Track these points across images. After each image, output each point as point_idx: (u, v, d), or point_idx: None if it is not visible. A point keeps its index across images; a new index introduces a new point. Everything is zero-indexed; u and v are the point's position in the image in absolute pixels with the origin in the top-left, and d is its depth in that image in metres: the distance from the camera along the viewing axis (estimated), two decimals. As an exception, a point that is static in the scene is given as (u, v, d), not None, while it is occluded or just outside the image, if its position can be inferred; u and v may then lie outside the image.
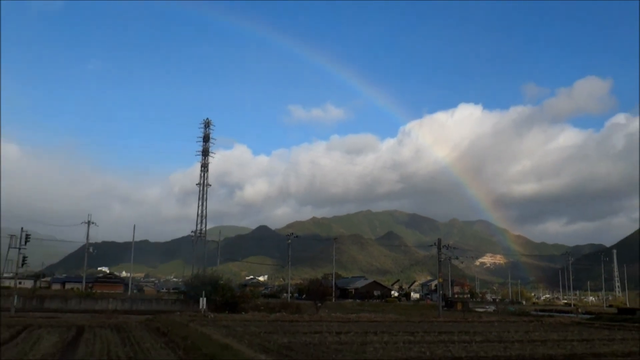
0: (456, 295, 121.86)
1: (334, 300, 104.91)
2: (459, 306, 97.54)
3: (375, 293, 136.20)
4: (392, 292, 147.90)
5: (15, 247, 63.05)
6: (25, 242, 63.06)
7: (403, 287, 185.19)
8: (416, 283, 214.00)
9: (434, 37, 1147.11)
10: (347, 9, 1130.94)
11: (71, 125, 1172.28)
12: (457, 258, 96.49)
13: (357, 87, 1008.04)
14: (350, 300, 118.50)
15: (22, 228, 63.78)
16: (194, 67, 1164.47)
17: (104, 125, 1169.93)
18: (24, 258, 64.82)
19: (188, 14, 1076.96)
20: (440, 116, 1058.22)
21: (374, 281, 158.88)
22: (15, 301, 56.45)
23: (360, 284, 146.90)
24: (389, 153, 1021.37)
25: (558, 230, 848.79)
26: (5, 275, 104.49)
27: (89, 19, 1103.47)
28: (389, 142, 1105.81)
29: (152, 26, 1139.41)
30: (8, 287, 78.20)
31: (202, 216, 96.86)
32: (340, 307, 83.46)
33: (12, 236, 64.24)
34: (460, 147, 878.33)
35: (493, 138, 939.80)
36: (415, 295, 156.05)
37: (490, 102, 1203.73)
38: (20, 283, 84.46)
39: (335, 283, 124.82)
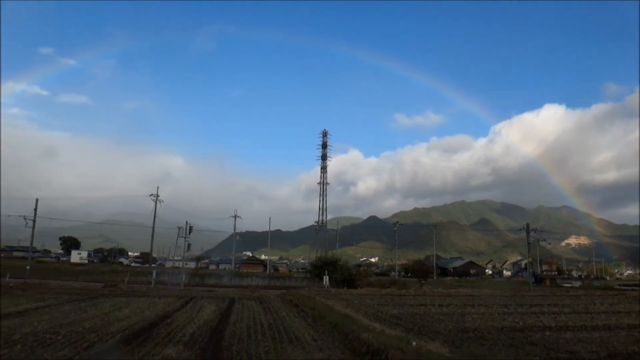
0: (544, 273, 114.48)
1: (435, 277, 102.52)
2: (548, 282, 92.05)
3: (471, 271, 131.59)
4: (486, 270, 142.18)
5: (182, 237, 67.53)
6: (189, 233, 67.33)
7: (496, 266, 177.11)
8: (508, 262, 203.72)
9: (519, 44, 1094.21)
10: (437, 26, 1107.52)
11: (220, 140, 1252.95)
12: (544, 240, 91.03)
13: (453, 95, 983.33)
14: (449, 277, 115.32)
15: (186, 222, 68.16)
16: (316, 86, 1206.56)
17: (245, 138, 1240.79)
18: (189, 245, 69.21)
19: (313, 48, 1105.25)
20: (527, 116, 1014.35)
21: (470, 261, 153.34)
22: (184, 278, 60.24)
23: (457, 263, 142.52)
24: (481, 150, 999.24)
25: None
26: (175, 258, 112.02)
27: (236, 54, 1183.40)
28: (481, 141, 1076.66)
29: (283, 59, 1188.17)
30: (178, 267, 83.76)
31: (323, 209, 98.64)
32: (441, 284, 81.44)
33: (179, 228, 68.85)
34: (545, 143, 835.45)
35: (576, 133, 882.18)
36: (507, 273, 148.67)
37: (572, 101, 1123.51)
38: (186, 264, 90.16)
39: (435, 263, 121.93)
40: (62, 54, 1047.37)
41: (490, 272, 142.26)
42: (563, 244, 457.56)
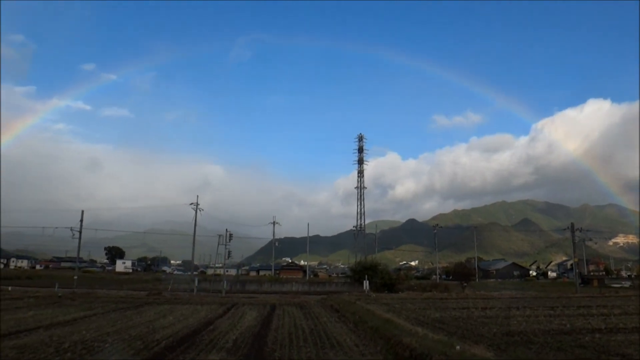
0: (592, 273, 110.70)
1: (477, 280, 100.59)
2: (595, 283, 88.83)
3: (515, 273, 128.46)
4: (530, 272, 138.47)
5: (222, 244, 68.49)
6: (229, 240, 68.25)
7: (540, 267, 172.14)
8: (552, 263, 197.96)
9: (559, 40, 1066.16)
10: (474, 26, 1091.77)
11: (258, 147, 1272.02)
12: (590, 239, 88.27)
13: (493, 94, 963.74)
14: (492, 280, 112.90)
15: (226, 229, 69.12)
16: (352, 91, 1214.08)
17: (282, 145, 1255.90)
18: (229, 252, 70.14)
19: (348, 53, 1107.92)
20: (570, 112, 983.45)
21: (513, 263, 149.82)
22: (225, 285, 61.01)
23: (500, 265, 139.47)
24: (522, 149, 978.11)
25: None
26: (216, 265, 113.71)
27: (271, 62, 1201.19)
28: (523, 140, 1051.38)
29: (318, 64, 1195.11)
30: (219, 275, 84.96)
31: (360, 213, 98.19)
32: (483, 286, 79.81)
33: (220, 236, 69.82)
34: (590, 139, 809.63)
35: (622, 128, 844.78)
36: (552, 274, 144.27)
37: (618, 96, 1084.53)
38: (227, 271, 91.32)
39: (477, 265, 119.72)
40: (103, 69, 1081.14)
41: (534, 273, 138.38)
42: (610, 243, 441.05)
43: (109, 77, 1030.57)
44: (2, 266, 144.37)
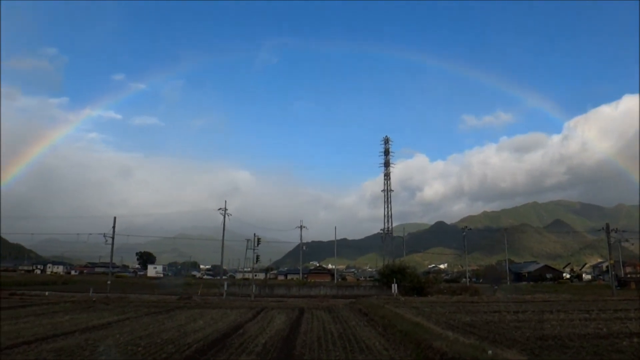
0: (628, 275, 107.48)
1: (508, 283, 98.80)
2: (633, 285, 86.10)
3: (547, 276, 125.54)
4: (564, 274, 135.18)
5: (251, 249, 68.93)
6: (257, 244, 68.63)
7: (574, 269, 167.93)
8: (587, 265, 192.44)
9: (590, 36, 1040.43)
10: (502, 24, 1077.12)
11: (285, 151, 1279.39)
12: (627, 240, 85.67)
13: (524, 92, 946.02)
14: (524, 283, 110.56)
15: (254, 234, 69.50)
16: (379, 93, 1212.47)
17: (309, 149, 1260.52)
18: (257, 256, 70.53)
19: (374, 54, 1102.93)
20: (605, 109, 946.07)
21: (545, 265, 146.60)
22: (254, 289, 61.38)
23: (532, 268, 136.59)
24: (555, 148, 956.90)
25: None
26: (245, 269, 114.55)
27: (298, 66, 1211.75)
28: (555, 138, 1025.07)
29: (344, 67, 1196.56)
30: (247, 279, 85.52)
31: (387, 216, 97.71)
32: (515, 289, 78.27)
33: (248, 240, 70.28)
34: (625, 136, 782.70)
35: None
36: (586, 277, 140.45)
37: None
38: (255, 275, 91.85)
39: (508, 268, 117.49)
40: (132, 79, 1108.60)
41: (568, 276, 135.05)
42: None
43: (138, 86, 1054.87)
44: (39, 272, 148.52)
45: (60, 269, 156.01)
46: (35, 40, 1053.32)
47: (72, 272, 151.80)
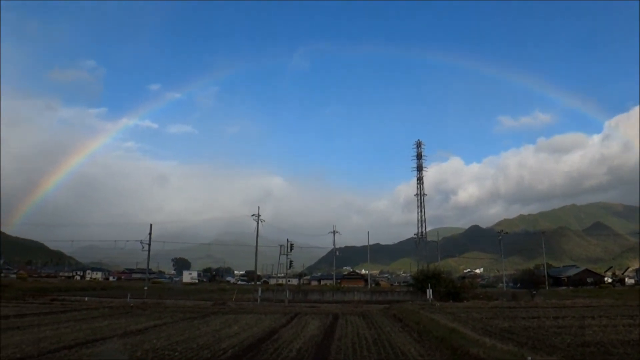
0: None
1: (547, 288, 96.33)
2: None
3: (588, 280, 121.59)
4: (605, 278, 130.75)
5: (284, 254, 69.22)
6: (291, 250, 68.87)
7: (616, 273, 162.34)
8: (630, 269, 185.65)
9: (629, 32, 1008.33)
10: (536, 24, 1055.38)
11: (317, 156, 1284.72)
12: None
13: (563, 91, 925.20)
14: (563, 287, 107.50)
15: (287, 239, 69.79)
16: (412, 96, 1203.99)
17: (342, 154, 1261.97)
18: (291, 262, 70.75)
19: (406, 58, 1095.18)
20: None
21: (586, 269, 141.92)
22: (287, 294, 61.55)
23: (572, 272, 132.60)
24: (595, 148, 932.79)
25: None
26: (278, 275, 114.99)
27: (330, 71, 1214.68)
28: (595, 138, 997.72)
29: (376, 71, 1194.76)
30: (281, 284, 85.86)
31: (421, 221, 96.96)
32: (554, 294, 76.17)
33: (281, 246, 70.54)
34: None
35: None
36: (629, 281, 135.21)
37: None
38: (289, 281, 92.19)
39: (547, 272, 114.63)
40: (168, 89, 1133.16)
41: (609, 280, 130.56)
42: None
43: (174, 95, 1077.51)
44: (79, 278, 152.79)
45: (99, 275, 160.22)
46: (74, 52, 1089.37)
47: (110, 278, 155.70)
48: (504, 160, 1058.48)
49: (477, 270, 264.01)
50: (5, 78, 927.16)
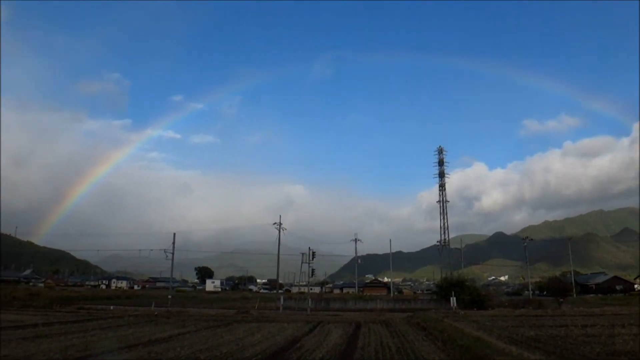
0: None
1: (574, 296, 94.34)
2: None
3: (617, 287, 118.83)
4: (635, 285, 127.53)
5: (306, 262, 69.29)
6: (312, 258, 68.94)
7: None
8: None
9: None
10: (561, 26, 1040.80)
11: (338, 164, 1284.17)
12: None
13: (590, 93, 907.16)
14: (591, 295, 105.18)
15: (309, 248, 69.93)
16: (435, 102, 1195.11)
17: (364, 161, 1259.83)
18: (313, 270, 70.83)
19: (428, 64, 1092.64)
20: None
21: (615, 276, 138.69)
22: (310, 303, 61.49)
23: (600, 279, 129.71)
24: (624, 152, 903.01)
25: None
26: (300, 283, 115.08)
27: (352, 78, 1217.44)
28: (624, 141, 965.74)
29: (399, 78, 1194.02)
30: (303, 293, 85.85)
31: (444, 228, 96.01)
32: (582, 302, 74.56)
33: (303, 254, 70.74)
34: None
35: None
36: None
37: None
38: (311, 289, 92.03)
39: (574, 280, 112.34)
40: (191, 100, 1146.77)
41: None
42: None
43: (196, 106, 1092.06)
44: (104, 287, 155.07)
45: (124, 284, 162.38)
46: (99, 66, 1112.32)
47: (135, 287, 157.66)
48: (529, 165, 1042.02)
49: (502, 278, 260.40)
50: (34, 91, 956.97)
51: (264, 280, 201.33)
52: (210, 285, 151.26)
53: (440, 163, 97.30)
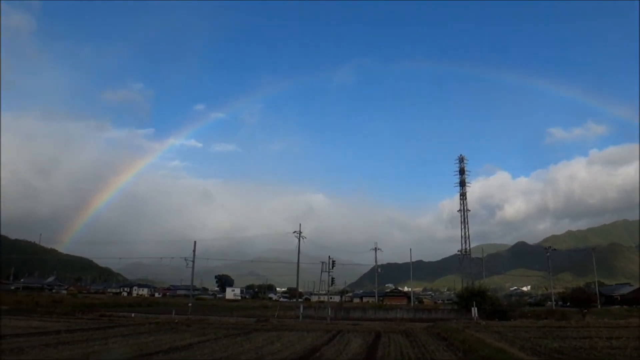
0: None
1: (599, 307, 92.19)
2: None
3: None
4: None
5: (326, 271, 69.25)
6: (332, 267, 68.88)
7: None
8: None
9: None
10: (586, 30, 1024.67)
11: (359, 173, 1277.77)
12: None
13: (617, 101, 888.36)
14: (616, 306, 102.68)
15: (329, 256, 69.96)
16: (457, 110, 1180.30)
17: (385, 170, 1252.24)
18: (332, 279, 70.72)
19: (450, 72, 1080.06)
20: None
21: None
22: (329, 312, 61.27)
23: (625, 290, 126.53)
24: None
25: None
26: (320, 292, 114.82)
27: (374, 86, 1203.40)
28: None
29: (421, 86, 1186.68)
30: (323, 301, 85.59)
31: (465, 237, 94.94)
32: (607, 314, 72.82)
33: (322, 263, 70.81)
34: None
35: None
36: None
37: None
38: (331, 298, 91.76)
39: (599, 290, 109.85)
40: (212, 109, 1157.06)
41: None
42: None
43: (218, 115, 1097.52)
44: (126, 294, 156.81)
45: (145, 292, 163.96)
46: (123, 75, 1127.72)
47: (156, 295, 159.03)
48: (553, 173, 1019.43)
49: (524, 288, 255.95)
50: (59, 100, 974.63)
51: (283, 289, 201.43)
52: (230, 293, 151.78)
53: (462, 172, 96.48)
